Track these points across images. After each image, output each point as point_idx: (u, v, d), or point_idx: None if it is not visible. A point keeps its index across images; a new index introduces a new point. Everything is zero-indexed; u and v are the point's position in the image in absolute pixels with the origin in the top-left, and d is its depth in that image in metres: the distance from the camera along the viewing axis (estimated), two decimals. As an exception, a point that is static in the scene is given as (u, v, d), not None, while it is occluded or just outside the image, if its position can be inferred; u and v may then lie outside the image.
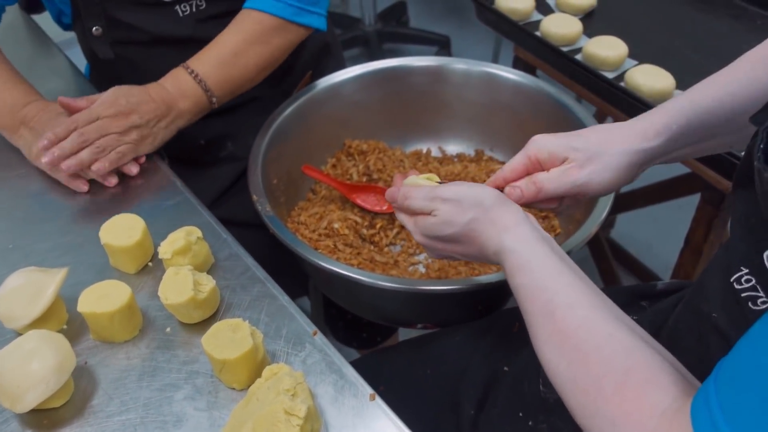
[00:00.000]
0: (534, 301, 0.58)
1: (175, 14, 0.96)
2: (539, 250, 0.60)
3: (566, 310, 0.55)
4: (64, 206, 0.87)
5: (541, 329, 0.56)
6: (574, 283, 0.57)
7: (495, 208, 0.63)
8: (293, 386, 0.60)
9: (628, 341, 0.52)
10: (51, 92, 1.08)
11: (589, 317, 0.54)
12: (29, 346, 0.64)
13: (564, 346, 0.54)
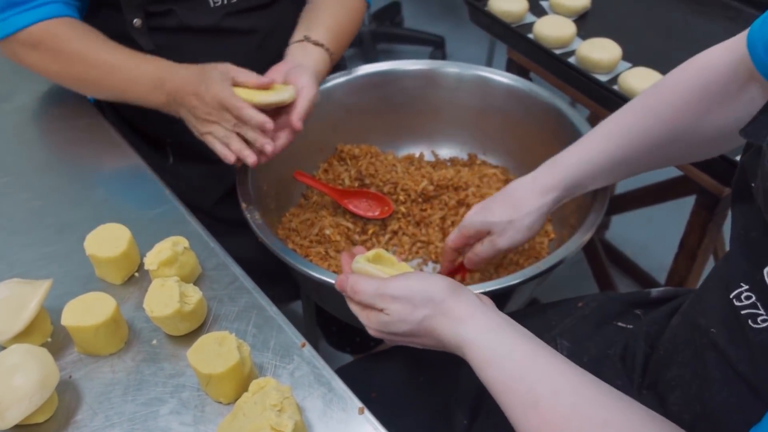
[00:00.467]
0: (512, 394, 0.54)
1: (207, 5, 0.97)
2: (503, 338, 0.57)
3: (551, 399, 0.52)
4: (48, 215, 0.86)
5: (526, 422, 0.53)
6: (551, 364, 0.54)
7: (447, 301, 0.61)
8: (280, 401, 0.59)
9: (626, 423, 0.49)
10: (40, 98, 1.07)
11: (577, 404, 0.51)
12: (12, 361, 0.63)
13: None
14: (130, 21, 0.94)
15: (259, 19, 1.01)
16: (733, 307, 0.49)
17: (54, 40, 0.90)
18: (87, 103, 1.06)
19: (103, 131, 1.01)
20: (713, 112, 0.71)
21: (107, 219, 0.78)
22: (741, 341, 0.48)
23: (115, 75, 0.91)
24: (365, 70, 1.11)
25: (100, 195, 0.89)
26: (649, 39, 1.21)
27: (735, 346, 0.50)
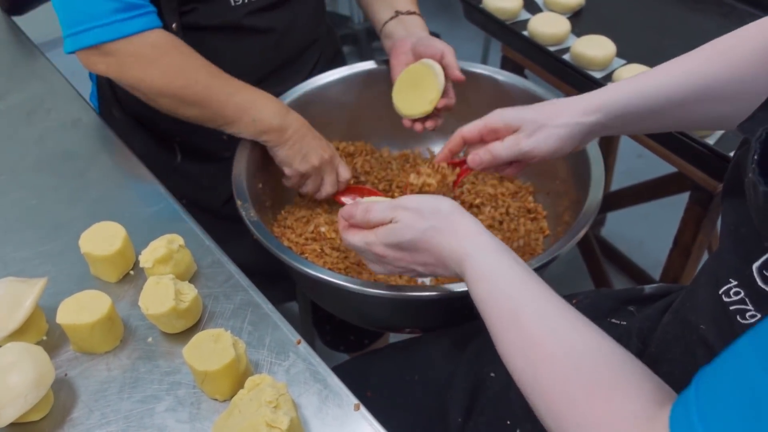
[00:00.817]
0: (498, 310, 0.57)
1: (227, 4, 0.97)
2: (501, 260, 0.60)
3: (533, 319, 0.55)
4: (44, 213, 0.86)
5: (506, 336, 0.56)
6: (539, 291, 0.57)
7: (454, 215, 0.64)
8: (276, 398, 0.60)
9: (597, 348, 0.52)
10: (34, 96, 1.07)
11: (557, 328, 0.54)
12: (8, 360, 0.63)
13: (530, 354, 0.54)
14: (169, 24, 0.94)
15: (276, 18, 1.03)
16: (722, 303, 0.49)
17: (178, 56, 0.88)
18: (81, 101, 1.06)
19: (98, 129, 1.01)
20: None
21: (102, 217, 0.78)
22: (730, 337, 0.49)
23: (242, 93, 0.90)
24: (361, 67, 1.11)
25: (94, 193, 0.89)
26: (642, 36, 1.22)
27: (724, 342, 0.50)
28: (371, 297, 0.80)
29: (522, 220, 1.03)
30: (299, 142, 0.93)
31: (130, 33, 0.85)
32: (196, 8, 0.96)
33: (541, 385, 0.52)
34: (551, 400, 0.51)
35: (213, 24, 0.97)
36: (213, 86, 0.89)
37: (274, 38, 1.04)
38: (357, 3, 1.14)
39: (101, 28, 0.84)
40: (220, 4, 0.97)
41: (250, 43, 1.01)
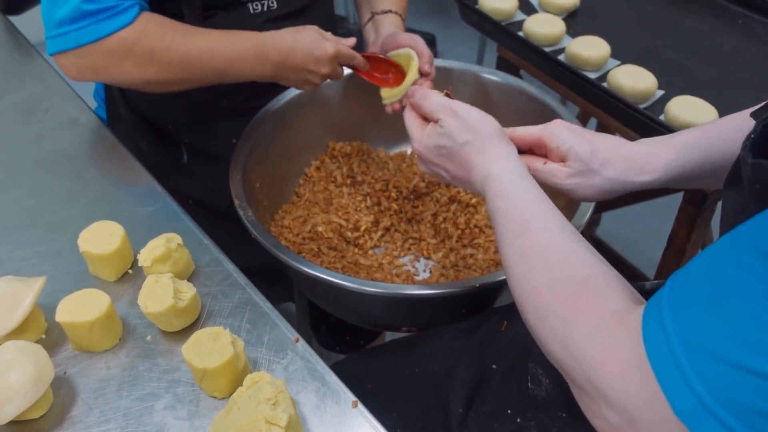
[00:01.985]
0: (510, 221, 0.62)
1: (246, 11, 0.99)
2: (521, 181, 0.64)
3: (539, 229, 0.59)
4: (42, 213, 0.86)
5: (513, 244, 0.60)
6: (549, 210, 0.61)
7: (492, 139, 0.68)
8: (274, 395, 0.60)
9: (590, 258, 0.57)
10: (31, 96, 1.07)
11: (558, 236, 0.59)
12: (6, 358, 0.63)
13: (530, 258, 0.58)
14: None
15: (292, 25, 1.03)
16: None
17: (147, 42, 0.86)
18: (78, 101, 1.06)
19: (95, 129, 1.01)
20: None
21: (100, 216, 0.78)
22: None
23: (218, 57, 0.89)
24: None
25: (92, 193, 0.89)
26: (637, 37, 1.23)
27: None
28: (368, 295, 0.80)
29: None
30: (290, 75, 0.92)
31: (100, 36, 0.84)
32: (217, 14, 0.97)
33: (535, 286, 0.56)
34: (542, 298, 0.55)
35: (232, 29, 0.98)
36: (186, 62, 0.88)
37: None
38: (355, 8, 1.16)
39: (75, 32, 0.84)
40: (240, 11, 0.98)
41: None
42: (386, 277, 0.97)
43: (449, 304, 0.88)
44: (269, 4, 1.00)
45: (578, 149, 0.69)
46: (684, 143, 0.69)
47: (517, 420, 0.74)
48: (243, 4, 0.98)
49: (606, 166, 0.69)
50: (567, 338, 0.51)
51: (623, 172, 0.69)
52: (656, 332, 0.45)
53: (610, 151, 0.69)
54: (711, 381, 0.41)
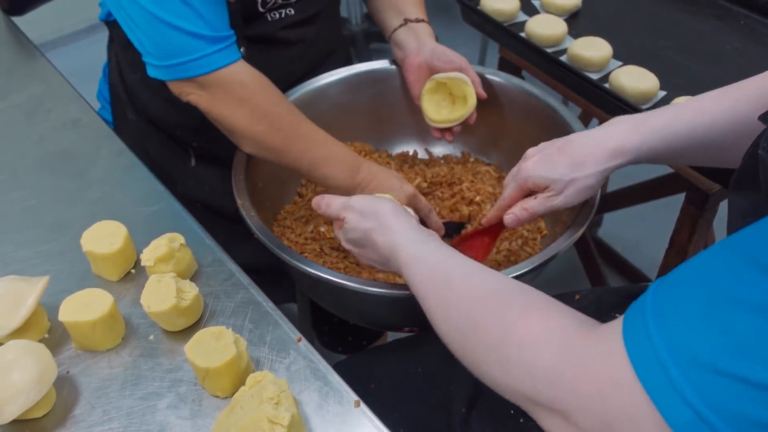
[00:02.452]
0: (430, 282, 0.62)
1: (264, 19, 0.99)
2: (427, 246, 0.66)
3: (463, 276, 0.60)
4: (44, 213, 0.87)
5: (440, 299, 0.60)
6: (465, 262, 0.62)
7: (388, 217, 0.72)
8: (277, 394, 0.60)
9: (525, 287, 0.57)
10: (34, 96, 1.07)
11: (484, 276, 0.59)
12: (10, 357, 0.63)
13: (462, 303, 0.57)
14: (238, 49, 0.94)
15: (306, 31, 1.05)
16: None
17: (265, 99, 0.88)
18: (81, 101, 1.07)
19: (98, 129, 1.01)
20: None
21: (103, 216, 0.79)
22: None
23: (319, 149, 0.91)
24: (359, 68, 1.12)
25: (95, 193, 0.89)
26: (639, 37, 1.23)
27: None
28: (370, 295, 0.80)
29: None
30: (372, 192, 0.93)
31: (222, 65, 0.84)
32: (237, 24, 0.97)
33: (477, 324, 0.55)
34: (488, 332, 0.53)
35: (247, 35, 0.99)
36: (292, 137, 0.90)
37: (302, 49, 1.06)
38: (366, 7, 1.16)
39: (196, 62, 0.83)
40: (258, 20, 0.99)
41: (280, 54, 1.03)
42: (388, 278, 0.97)
43: (451, 304, 0.88)
44: (287, 12, 1.01)
45: (553, 175, 0.76)
46: (653, 128, 0.73)
47: (519, 420, 0.74)
48: (262, 14, 0.99)
49: (582, 168, 0.75)
50: (529, 362, 0.49)
51: (598, 164, 0.75)
52: (641, 343, 0.43)
53: (580, 154, 0.75)
54: (707, 392, 0.39)
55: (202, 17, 0.82)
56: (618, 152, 0.74)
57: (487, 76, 1.10)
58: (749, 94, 0.69)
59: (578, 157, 0.75)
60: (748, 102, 0.68)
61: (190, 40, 0.82)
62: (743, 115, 0.68)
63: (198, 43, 0.82)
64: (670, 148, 0.73)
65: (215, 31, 0.83)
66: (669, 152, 0.73)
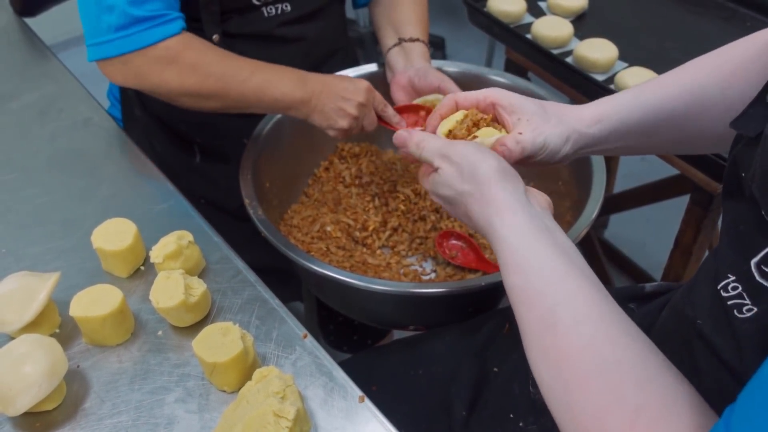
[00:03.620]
0: (531, 308, 0.51)
1: (261, 14, 1.00)
2: (538, 246, 0.54)
3: (570, 324, 0.49)
4: (56, 210, 0.88)
5: (538, 341, 0.50)
6: (581, 288, 0.51)
7: (490, 184, 0.58)
8: (282, 389, 0.61)
9: (641, 369, 0.46)
10: (46, 96, 1.09)
11: (596, 337, 0.48)
12: (22, 350, 0.65)
13: (563, 367, 0.48)
14: (209, 36, 0.97)
15: (306, 28, 1.06)
16: (720, 297, 0.50)
17: (191, 54, 0.88)
18: (92, 101, 1.08)
19: (109, 129, 1.03)
20: None
21: (113, 214, 0.80)
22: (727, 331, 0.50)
23: (257, 76, 0.90)
24: (366, 69, 1.13)
25: (105, 191, 0.91)
26: (644, 39, 1.23)
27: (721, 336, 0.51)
28: (376, 294, 0.81)
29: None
30: (327, 103, 0.92)
31: (147, 44, 0.86)
32: (231, 17, 0.99)
33: (572, 409, 0.47)
34: (578, 424, 0.46)
35: (245, 32, 1.00)
36: (226, 75, 0.90)
37: (302, 47, 1.07)
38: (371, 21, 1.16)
39: (121, 40, 0.86)
40: (254, 15, 1.00)
41: (279, 52, 1.04)
42: (393, 277, 0.98)
43: (456, 302, 0.89)
44: (283, 8, 1.02)
45: (528, 105, 0.68)
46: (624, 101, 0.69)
47: (519, 424, 0.75)
48: (257, 8, 1.00)
49: (559, 116, 0.68)
50: None
51: (575, 122, 0.68)
52: None
53: (558, 107, 0.70)
54: None
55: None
56: (593, 119, 0.68)
57: (493, 78, 1.10)
58: (704, 66, 0.69)
59: (551, 109, 0.69)
60: (707, 74, 0.68)
61: (114, 17, 0.84)
62: (702, 85, 0.67)
63: (121, 20, 0.84)
64: (640, 123, 0.69)
65: (145, 11, 0.85)
66: (640, 127, 0.69)
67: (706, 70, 0.68)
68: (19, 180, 0.93)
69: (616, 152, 0.75)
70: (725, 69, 0.67)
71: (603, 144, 0.70)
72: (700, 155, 1.01)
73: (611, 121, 0.68)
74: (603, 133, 0.69)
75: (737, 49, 0.68)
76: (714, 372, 0.52)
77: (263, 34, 1.02)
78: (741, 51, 0.67)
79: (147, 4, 0.85)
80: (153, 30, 0.86)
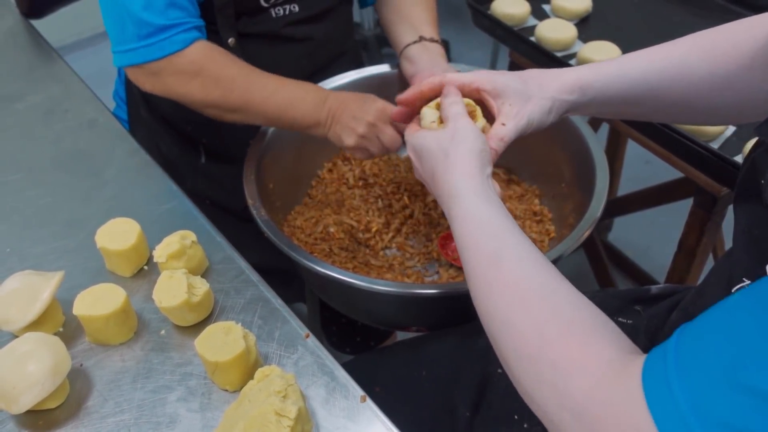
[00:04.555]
0: (479, 250, 0.58)
1: (269, 15, 1.01)
2: (490, 206, 0.61)
3: (514, 261, 0.55)
4: (60, 210, 0.88)
5: (483, 276, 0.56)
6: (523, 241, 0.58)
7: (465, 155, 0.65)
8: (284, 388, 0.61)
9: (573, 297, 0.53)
10: (51, 97, 1.09)
11: (535, 271, 0.55)
12: (25, 349, 0.65)
13: (506, 293, 0.54)
14: (225, 40, 0.98)
15: (313, 29, 1.07)
16: None
17: (215, 67, 0.90)
18: (97, 103, 1.09)
19: (113, 130, 1.03)
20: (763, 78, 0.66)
21: (117, 214, 0.80)
22: None
23: (279, 94, 0.91)
24: (370, 71, 1.13)
25: (109, 191, 0.91)
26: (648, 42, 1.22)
27: None
28: (379, 294, 0.82)
29: (528, 223, 1.04)
30: (340, 122, 0.93)
31: (171, 52, 0.88)
32: (242, 19, 1.00)
33: (515, 326, 0.52)
34: (525, 340, 0.51)
35: (253, 32, 1.01)
36: (249, 92, 0.91)
37: (309, 48, 1.08)
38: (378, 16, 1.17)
39: (144, 49, 0.88)
40: (262, 15, 1.00)
41: (286, 51, 1.05)
42: (396, 278, 0.98)
43: (459, 304, 0.89)
44: (291, 9, 1.02)
45: (512, 84, 0.71)
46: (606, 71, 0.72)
47: (524, 425, 0.75)
48: (266, 9, 1.00)
49: (541, 89, 0.71)
50: (560, 387, 0.47)
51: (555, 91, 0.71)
52: (663, 396, 0.41)
53: (539, 77, 0.72)
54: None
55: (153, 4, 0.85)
56: (575, 86, 0.71)
57: (496, 80, 1.10)
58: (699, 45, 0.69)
59: (533, 81, 0.72)
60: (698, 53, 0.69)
61: (138, 26, 0.86)
62: (690, 63, 0.68)
63: (145, 30, 0.86)
64: (621, 91, 0.71)
65: (166, 19, 0.86)
66: (621, 95, 0.71)
67: (699, 48, 0.69)
68: (24, 180, 0.94)
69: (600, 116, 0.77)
70: (718, 49, 0.68)
71: (585, 109, 0.74)
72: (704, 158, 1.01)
73: (592, 89, 0.71)
74: (583, 99, 0.72)
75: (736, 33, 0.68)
76: None
77: (271, 34, 1.02)
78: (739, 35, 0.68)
79: (168, 13, 0.87)
80: (174, 38, 0.88)
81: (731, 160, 0.96)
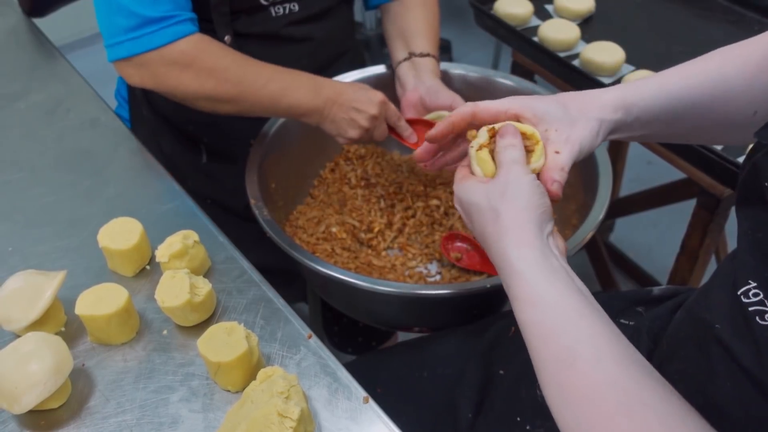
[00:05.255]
0: (549, 346, 0.51)
1: (269, 14, 1.01)
2: (555, 281, 0.53)
3: (592, 362, 0.48)
4: (62, 210, 0.88)
5: (554, 378, 0.50)
6: (599, 328, 0.51)
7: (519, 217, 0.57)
8: (287, 389, 0.61)
9: (666, 409, 0.46)
10: (54, 96, 1.09)
11: (620, 375, 0.47)
12: (27, 348, 0.65)
13: (586, 405, 0.47)
14: (221, 37, 0.98)
15: (314, 29, 1.07)
16: (740, 303, 0.50)
17: (208, 58, 0.89)
18: (100, 102, 1.09)
19: (116, 129, 1.03)
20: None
21: (119, 214, 0.80)
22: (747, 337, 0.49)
23: (274, 83, 0.91)
24: (373, 71, 1.13)
25: (112, 190, 0.91)
26: (651, 42, 1.23)
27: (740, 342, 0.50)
28: (381, 295, 0.81)
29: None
30: (339, 113, 0.92)
31: (160, 44, 0.87)
32: (239, 17, 0.99)
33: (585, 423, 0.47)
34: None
35: (252, 32, 1.01)
36: (243, 82, 0.90)
37: (309, 48, 1.08)
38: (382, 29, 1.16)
39: (132, 41, 0.87)
40: (262, 14, 1.00)
41: (286, 51, 1.04)
42: (399, 278, 0.98)
43: (461, 304, 0.89)
44: (291, 8, 1.02)
45: (552, 110, 0.64)
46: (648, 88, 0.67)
47: (526, 427, 0.74)
48: (265, 8, 1.00)
49: (584, 111, 0.65)
50: None
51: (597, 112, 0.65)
52: None
53: (580, 99, 0.66)
54: None
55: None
56: (618, 105, 0.65)
57: (499, 80, 1.10)
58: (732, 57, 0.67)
59: (575, 103, 0.65)
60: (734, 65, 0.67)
61: (126, 19, 0.86)
62: (727, 76, 0.66)
63: (133, 22, 0.86)
64: (664, 108, 0.66)
65: (156, 11, 0.86)
66: (664, 112, 0.66)
67: (733, 61, 0.67)
68: (26, 179, 0.93)
69: (641, 139, 0.72)
70: (752, 60, 0.66)
71: (628, 129, 0.68)
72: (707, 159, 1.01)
73: (636, 108, 0.66)
74: (628, 119, 0.66)
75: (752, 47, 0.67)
76: (732, 377, 0.51)
77: (271, 33, 1.02)
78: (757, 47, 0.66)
79: (158, 5, 0.86)
80: (164, 31, 0.87)
81: (734, 161, 0.96)
